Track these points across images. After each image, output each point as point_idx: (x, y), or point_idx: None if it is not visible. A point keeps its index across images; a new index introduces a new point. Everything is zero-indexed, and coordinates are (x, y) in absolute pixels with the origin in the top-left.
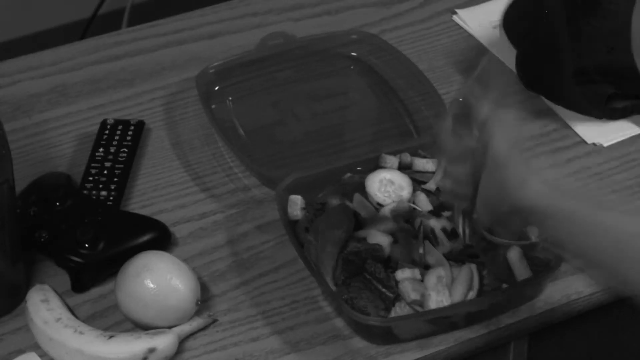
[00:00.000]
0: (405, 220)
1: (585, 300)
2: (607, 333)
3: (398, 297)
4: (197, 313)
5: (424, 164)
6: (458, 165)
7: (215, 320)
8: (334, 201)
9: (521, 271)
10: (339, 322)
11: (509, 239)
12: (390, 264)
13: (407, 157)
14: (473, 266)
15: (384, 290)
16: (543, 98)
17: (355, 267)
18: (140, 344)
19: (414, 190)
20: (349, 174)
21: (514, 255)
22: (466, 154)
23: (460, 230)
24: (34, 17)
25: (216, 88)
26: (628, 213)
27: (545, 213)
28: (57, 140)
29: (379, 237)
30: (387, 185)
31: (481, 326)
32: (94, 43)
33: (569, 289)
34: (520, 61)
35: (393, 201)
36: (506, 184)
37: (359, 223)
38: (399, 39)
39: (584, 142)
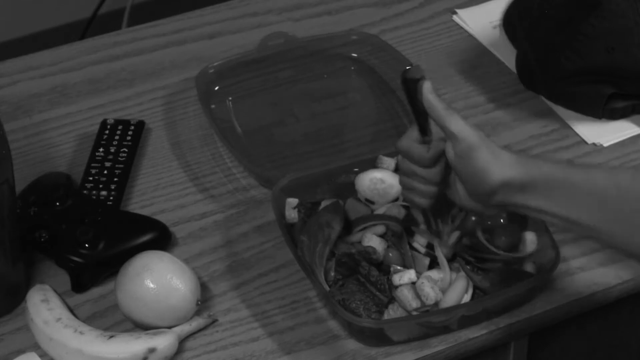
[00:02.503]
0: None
1: (585, 300)
2: (607, 333)
3: (392, 299)
4: (197, 313)
5: None
6: (428, 168)
7: (215, 320)
8: (327, 201)
9: None
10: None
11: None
12: (382, 267)
13: None
14: (468, 269)
15: (377, 293)
16: (543, 98)
17: (348, 269)
18: (140, 344)
19: None
20: (344, 175)
21: None
22: (436, 154)
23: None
24: (34, 17)
25: (216, 88)
26: (599, 168)
27: (522, 183)
28: (57, 140)
29: (375, 241)
30: (377, 184)
31: (480, 327)
32: (94, 43)
33: (569, 289)
34: (520, 61)
35: (386, 202)
36: (479, 167)
37: (350, 225)
38: (399, 39)
39: (584, 142)
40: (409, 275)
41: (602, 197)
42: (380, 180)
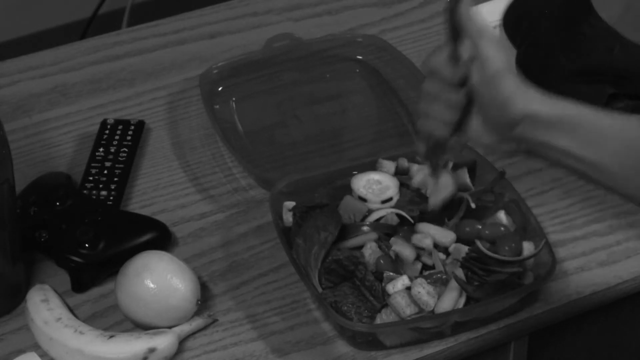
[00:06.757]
0: (387, 234)
1: (585, 300)
2: (607, 333)
3: (385, 305)
4: (197, 313)
5: None
6: (450, 92)
7: (215, 320)
8: (324, 204)
9: None
10: None
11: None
12: (376, 274)
13: (404, 162)
14: (460, 271)
15: (370, 298)
16: None
17: (338, 276)
18: (140, 344)
19: (402, 195)
20: (342, 178)
21: None
22: (460, 77)
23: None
24: (34, 17)
25: (219, 88)
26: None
27: (549, 118)
28: (57, 140)
29: (370, 249)
30: (374, 185)
31: (479, 328)
32: (94, 43)
33: (569, 289)
34: (520, 61)
35: (380, 200)
36: (503, 95)
37: (347, 230)
38: (399, 39)
39: None
40: (402, 281)
41: (633, 144)
42: (377, 182)
